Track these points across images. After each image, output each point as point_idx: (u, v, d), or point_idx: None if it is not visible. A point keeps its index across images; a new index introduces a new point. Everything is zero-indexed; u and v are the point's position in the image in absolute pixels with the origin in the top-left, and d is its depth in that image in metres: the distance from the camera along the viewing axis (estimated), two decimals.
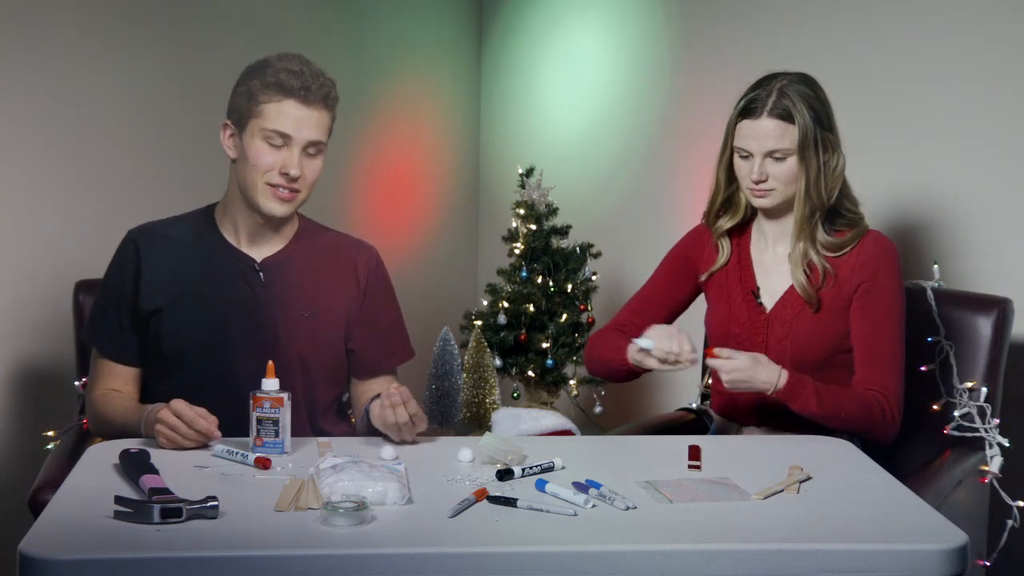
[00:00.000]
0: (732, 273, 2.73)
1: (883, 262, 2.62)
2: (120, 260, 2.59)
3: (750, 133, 2.59)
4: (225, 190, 2.60)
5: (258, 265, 2.57)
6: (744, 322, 2.69)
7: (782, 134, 2.57)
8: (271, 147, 2.47)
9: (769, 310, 2.68)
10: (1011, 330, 2.83)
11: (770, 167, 2.59)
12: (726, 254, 2.74)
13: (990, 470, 2.77)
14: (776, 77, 2.62)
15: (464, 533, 1.91)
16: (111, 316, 2.58)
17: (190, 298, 2.54)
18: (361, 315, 2.64)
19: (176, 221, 2.63)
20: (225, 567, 1.78)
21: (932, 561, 1.86)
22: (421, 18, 4.34)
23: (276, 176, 2.48)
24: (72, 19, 3.35)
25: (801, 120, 2.56)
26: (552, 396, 3.78)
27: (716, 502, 2.06)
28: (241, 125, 2.50)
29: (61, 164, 3.36)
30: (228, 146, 2.54)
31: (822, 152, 2.59)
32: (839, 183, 2.63)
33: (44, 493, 2.34)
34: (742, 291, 2.71)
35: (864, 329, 2.61)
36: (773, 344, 2.64)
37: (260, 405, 2.27)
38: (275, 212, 2.51)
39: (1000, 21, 3.09)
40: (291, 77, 2.46)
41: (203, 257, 2.57)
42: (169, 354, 2.54)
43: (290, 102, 2.46)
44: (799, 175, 2.59)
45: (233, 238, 2.58)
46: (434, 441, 2.44)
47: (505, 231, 3.86)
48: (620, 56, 4.07)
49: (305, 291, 2.59)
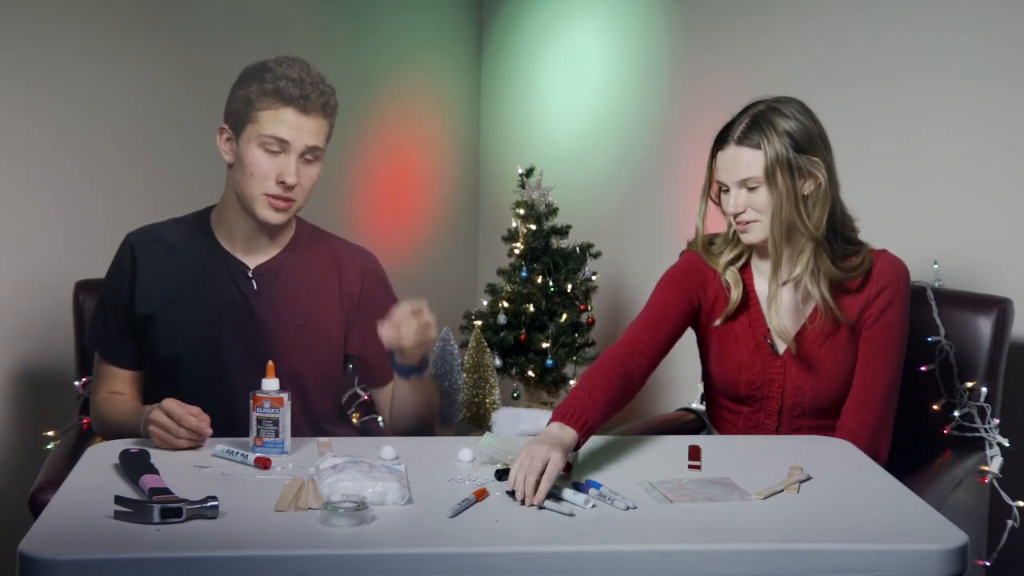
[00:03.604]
0: (740, 316, 2.59)
1: (896, 290, 2.52)
2: (117, 264, 2.59)
3: (722, 164, 2.49)
4: (223, 195, 2.59)
5: (251, 272, 2.57)
6: (757, 370, 2.57)
7: (751, 162, 2.45)
8: (268, 153, 2.45)
9: (783, 353, 2.57)
10: (1011, 330, 2.83)
11: (747, 198, 2.48)
12: (737, 291, 2.57)
13: (990, 470, 2.77)
14: (755, 104, 2.51)
15: (464, 533, 1.91)
16: (110, 320, 2.58)
17: (184, 303, 2.54)
18: (362, 323, 2.63)
19: (173, 224, 2.62)
20: (225, 567, 1.78)
21: (932, 561, 1.86)
22: (421, 18, 4.34)
23: (273, 185, 2.46)
24: (72, 19, 3.35)
25: (768, 144, 2.44)
26: (552, 396, 3.79)
27: (716, 502, 2.06)
28: (238, 130, 2.48)
29: (61, 164, 3.36)
30: (224, 150, 2.52)
31: (795, 178, 2.45)
32: (824, 209, 2.47)
33: (44, 493, 2.34)
34: (753, 337, 2.58)
35: (864, 363, 2.53)
36: (791, 388, 2.56)
37: (260, 405, 2.27)
38: (271, 220, 2.50)
39: (1000, 21, 3.09)
40: (290, 85, 2.44)
41: (197, 262, 2.56)
42: (164, 358, 2.54)
43: (288, 110, 2.44)
44: (772, 203, 2.46)
45: (228, 243, 2.57)
46: (434, 441, 2.44)
47: (505, 231, 3.86)
48: (620, 56, 4.07)
49: (297, 299, 2.58)
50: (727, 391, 2.64)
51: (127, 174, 3.49)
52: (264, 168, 2.45)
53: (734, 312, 2.58)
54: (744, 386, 2.59)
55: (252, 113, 2.45)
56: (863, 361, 2.53)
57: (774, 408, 2.58)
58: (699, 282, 2.60)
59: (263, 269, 2.57)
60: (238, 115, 2.48)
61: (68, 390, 3.01)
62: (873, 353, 2.52)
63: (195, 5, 3.62)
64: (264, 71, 2.47)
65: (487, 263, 4.34)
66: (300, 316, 2.57)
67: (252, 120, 2.45)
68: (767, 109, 2.48)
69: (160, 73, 3.54)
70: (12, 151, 3.26)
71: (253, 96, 2.45)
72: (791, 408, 2.57)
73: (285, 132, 2.44)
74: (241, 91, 2.48)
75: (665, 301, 2.57)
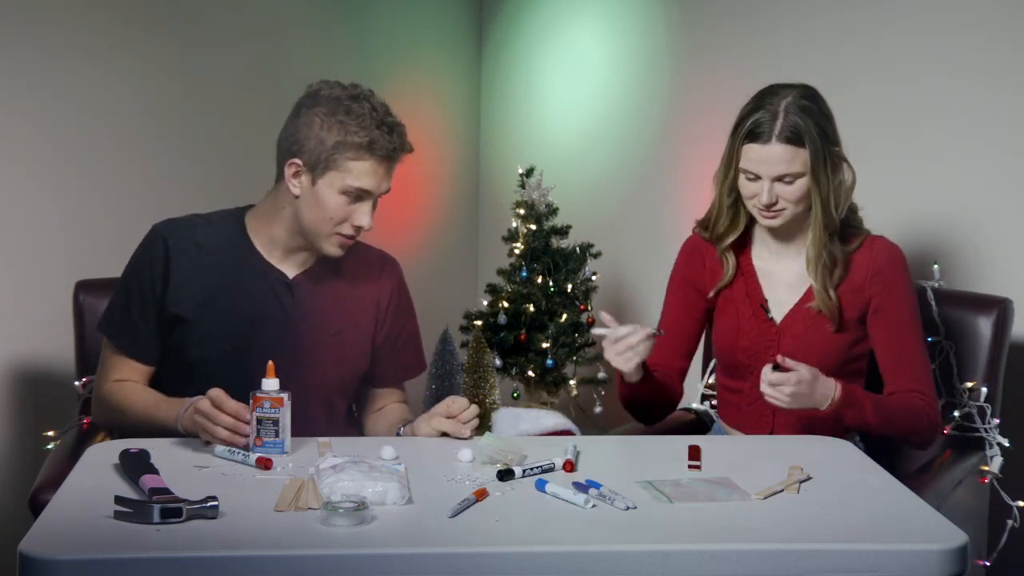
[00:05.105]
0: (737, 285, 2.67)
1: (895, 270, 2.59)
2: (147, 257, 2.54)
3: (758, 157, 2.50)
4: (264, 202, 2.57)
5: (290, 282, 2.56)
6: (754, 336, 2.63)
7: (792, 158, 2.49)
8: (348, 198, 2.46)
9: (779, 322, 2.63)
10: (1011, 330, 2.83)
11: (779, 189, 2.51)
12: (731, 269, 2.66)
13: (990, 470, 2.77)
14: (778, 93, 2.53)
15: (464, 533, 1.91)
16: (135, 314, 2.53)
17: (218, 308, 2.52)
18: (383, 332, 2.65)
19: (204, 223, 2.58)
20: (225, 567, 1.78)
21: (932, 561, 1.86)
22: (421, 18, 4.34)
23: (348, 228, 2.48)
24: (72, 19, 3.35)
25: (811, 142, 2.49)
26: (552, 396, 3.79)
27: (716, 502, 2.06)
28: (316, 169, 2.45)
29: (62, 164, 3.36)
30: (293, 184, 2.47)
31: (832, 171, 2.52)
32: (850, 198, 2.58)
33: (44, 493, 2.34)
34: (750, 304, 2.65)
35: (888, 339, 2.57)
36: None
37: (260, 405, 2.27)
38: (334, 255, 2.52)
39: (1000, 21, 3.09)
40: (383, 138, 2.43)
41: (234, 268, 2.54)
42: (192, 361, 2.53)
43: (380, 165, 2.45)
44: (813, 198, 2.52)
45: (266, 251, 2.56)
46: (434, 441, 2.44)
47: (505, 231, 3.86)
48: (620, 56, 4.07)
49: (333, 309, 2.58)
50: (727, 360, 2.68)
51: (127, 174, 3.49)
52: (343, 213, 2.46)
53: (734, 284, 2.66)
54: (741, 353, 2.63)
55: (339, 161, 2.43)
56: (884, 334, 2.59)
57: None
58: (700, 263, 2.69)
59: (301, 279, 2.57)
60: (318, 156, 2.44)
61: (68, 390, 3.01)
62: (893, 324, 2.58)
63: (195, 5, 3.62)
64: (343, 111, 2.44)
65: (487, 263, 4.34)
66: (334, 327, 2.58)
67: (338, 167, 2.44)
68: (797, 103, 2.51)
69: (160, 73, 3.54)
70: (12, 151, 3.26)
71: (341, 145, 2.42)
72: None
73: (372, 184, 2.46)
74: (321, 132, 2.43)
75: (678, 302, 2.71)
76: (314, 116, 2.45)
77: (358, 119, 2.43)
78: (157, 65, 3.53)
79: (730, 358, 2.66)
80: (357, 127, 2.43)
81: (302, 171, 2.46)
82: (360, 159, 2.44)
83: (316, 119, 2.44)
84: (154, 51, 3.52)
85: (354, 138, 2.42)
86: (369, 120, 2.43)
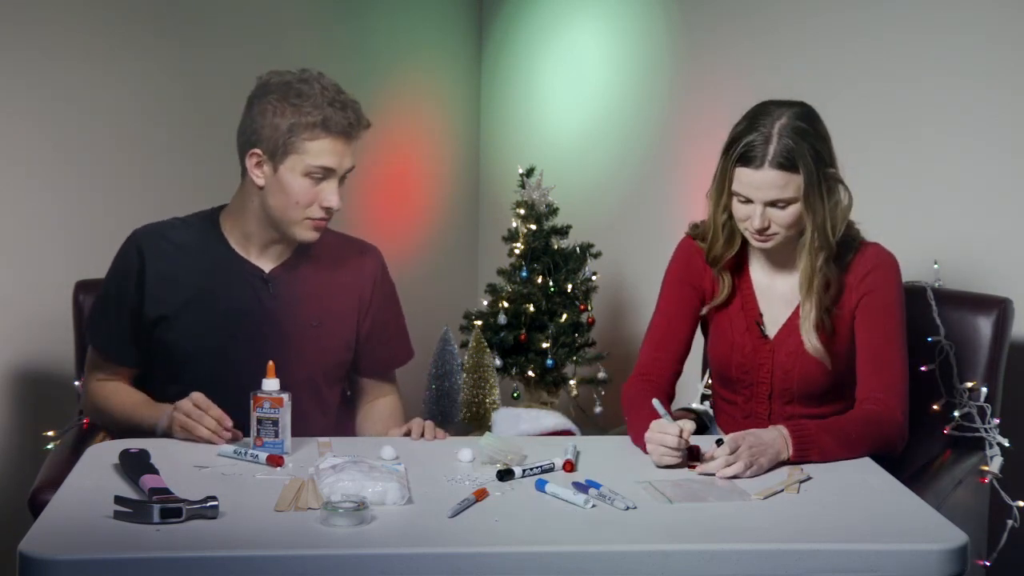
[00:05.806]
0: (733, 300, 2.63)
1: (883, 275, 2.54)
2: (123, 263, 2.58)
3: (751, 182, 2.44)
4: (234, 199, 2.59)
5: (267, 276, 2.57)
6: (747, 351, 2.59)
7: (785, 184, 2.42)
8: (312, 180, 2.47)
9: (773, 337, 2.59)
10: (1011, 330, 2.83)
11: (771, 214, 2.46)
12: (727, 289, 2.61)
13: (990, 470, 2.77)
14: (771, 114, 2.45)
15: (464, 533, 1.91)
16: (112, 319, 2.58)
17: (197, 307, 2.54)
18: (368, 322, 2.66)
19: (180, 225, 2.61)
20: (225, 567, 1.78)
21: (932, 561, 1.86)
22: (421, 18, 4.34)
23: (317, 210, 2.49)
24: (72, 19, 3.35)
25: (805, 167, 2.42)
26: (552, 396, 3.79)
27: (716, 502, 2.06)
28: (275, 156, 2.46)
29: (61, 164, 3.36)
30: (256, 174, 2.49)
31: (827, 195, 2.46)
32: (846, 219, 2.51)
33: (44, 493, 2.34)
34: (745, 319, 2.61)
35: (865, 341, 2.52)
36: (779, 373, 2.57)
37: (260, 405, 2.27)
38: (310, 240, 2.53)
39: (1000, 21, 3.09)
40: (336, 114, 2.44)
41: (210, 265, 2.56)
42: (177, 359, 2.55)
43: (337, 141, 2.46)
44: (806, 223, 2.47)
45: (242, 248, 2.58)
46: (434, 441, 2.44)
47: (505, 231, 3.86)
48: (620, 56, 4.07)
49: (313, 301, 2.59)
50: (721, 374, 2.66)
51: (127, 174, 3.49)
52: (309, 196, 2.47)
53: (728, 297, 2.62)
54: (735, 368, 2.61)
55: (296, 143, 2.44)
56: (863, 335, 2.54)
57: (764, 394, 2.59)
58: (700, 268, 2.65)
59: (278, 272, 2.58)
60: (276, 143, 2.46)
61: (68, 390, 3.01)
62: (872, 327, 2.53)
63: (195, 5, 3.62)
64: (294, 94, 2.45)
65: (487, 263, 4.33)
66: (315, 318, 2.59)
67: (297, 151, 2.45)
68: (791, 125, 2.43)
69: (160, 73, 3.53)
70: (12, 151, 3.26)
71: (296, 127, 2.44)
72: (781, 394, 2.57)
73: (333, 161, 2.46)
74: (277, 118, 2.45)
75: (674, 303, 2.66)
76: (267, 105, 2.47)
77: (310, 99, 2.45)
78: (157, 65, 3.53)
79: (724, 372, 2.65)
80: (310, 107, 2.44)
81: (263, 160, 2.48)
82: (316, 138, 2.45)
83: (269, 107, 2.46)
84: (154, 51, 3.52)
85: (307, 118, 2.44)
86: (320, 99, 2.45)
